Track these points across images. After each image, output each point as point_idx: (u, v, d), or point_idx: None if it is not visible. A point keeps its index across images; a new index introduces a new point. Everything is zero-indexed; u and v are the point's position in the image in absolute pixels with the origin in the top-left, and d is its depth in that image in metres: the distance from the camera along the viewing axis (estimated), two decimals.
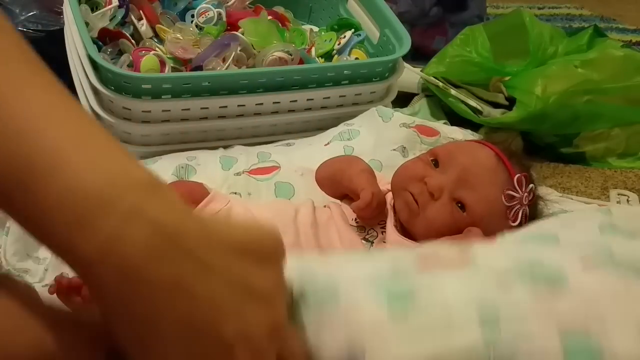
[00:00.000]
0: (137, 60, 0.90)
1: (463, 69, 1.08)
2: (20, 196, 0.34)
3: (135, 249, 0.33)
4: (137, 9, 1.01)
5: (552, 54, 1.09)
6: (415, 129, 0.85)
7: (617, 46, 1.08)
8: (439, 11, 1.38)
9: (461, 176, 0.66)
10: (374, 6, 1.06)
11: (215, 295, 0.34)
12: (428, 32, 1.39)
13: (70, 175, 0.33)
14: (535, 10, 1.92)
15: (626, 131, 1.04)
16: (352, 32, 1.06)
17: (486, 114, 1.03)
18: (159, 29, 1.01)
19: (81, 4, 0.96)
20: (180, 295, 0.33)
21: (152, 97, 0.85)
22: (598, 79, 1.01)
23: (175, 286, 0.33)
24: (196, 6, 1.05)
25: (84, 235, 0.33)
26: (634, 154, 1.05)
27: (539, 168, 1.01)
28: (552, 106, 0.98)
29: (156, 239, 0.33)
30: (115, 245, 0.33)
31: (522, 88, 1.01)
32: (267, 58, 0.94)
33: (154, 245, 0.33)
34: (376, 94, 0.98)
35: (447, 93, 1.06)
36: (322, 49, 1.04)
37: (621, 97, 1.02)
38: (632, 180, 1.01)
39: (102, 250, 0.33)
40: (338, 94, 0.95)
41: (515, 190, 0.66)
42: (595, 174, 1.02)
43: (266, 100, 0.91)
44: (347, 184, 0.71)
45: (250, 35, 0.97)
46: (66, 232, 0.33)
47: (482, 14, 1.44)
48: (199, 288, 0.34)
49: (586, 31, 1.11)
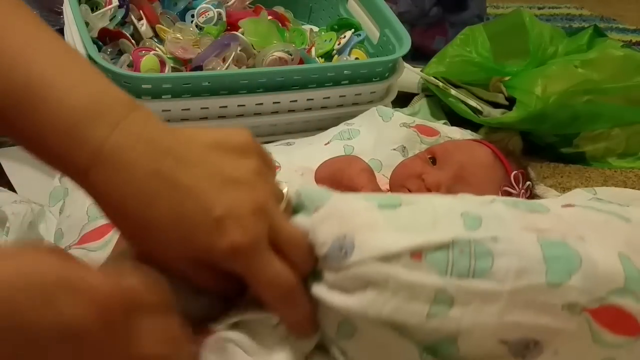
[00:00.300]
0: (137, 60, 0.90)
1: (463, 69, 1.08)
2: (19, 117, 0.39)
3: (123, 152, 0.38)
4: (137, 9, 1.02)
5: (552, 54, 1.09)
6: (415, 129, 0.86)
7: (617, 46, 1.08)
8: (439, 11, 1.38)
9: (458, 173, 0.66)
10: (374, 6, 1.06)
11: (197, 184, 0.39)
12: (428, 32, 1.39)
13: (60, 95, 0.38)
14: (535, 10, 1.92)
15: (626, 131, 1.04)
16: (352, 32, 1.06)
17: (486, 114, 1.03)
18: (159, 29, 1.01)
19: (81, 4, 0.96)
20: (164, 184, 0.38)
21: (152, 97, 0.85)
22: (598, 79, 1.01)
23: (159, 177, 0.38)
24: (196, 6, 1.05)
25: (77, 144, 0.38)
26: (634, 154, 1.05)
27: (539, 168, 1.01)
28: (552, 106, 0.98)
29: (140, 144, 0.38)
30: (105, 150, 0.38)
31: (522, 88, 1.01)
32: (267, 58, 0.94)
33: (138, 148, 0.38)
34: (376, 94, 0.98)
35: (447, 93, 1.06)
36: (322, 49, 1.05)
37: (621, 97, 1.02)
38: (632, 180, 1.01)
39: (94, 156, 0.38)
40: (338, 94, 0.95)
41: (512, 186, 0.66)
42: (595, 174, 1.02)
43: (266, 100, 0.91)
44: (347, 184, 0.71)
45: (250, 35, 0.97)
46: (61, 144, 0.38)
47: (482, 14, 1.44)
48: (180, 177, 0.38)
49: (586, 31, 1.11)
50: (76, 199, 0.71)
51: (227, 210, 0.38)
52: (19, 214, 0.72)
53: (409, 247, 0.39)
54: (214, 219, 0.38)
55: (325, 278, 0.41)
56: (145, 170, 0.38)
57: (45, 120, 0.38)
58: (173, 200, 0.38)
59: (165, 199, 0.38)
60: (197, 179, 0.39)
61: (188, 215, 0.38)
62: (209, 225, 0.38)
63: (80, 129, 0.38)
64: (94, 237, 0.65)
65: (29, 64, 0.39)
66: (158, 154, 0.39)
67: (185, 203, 0.38)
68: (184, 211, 0.38)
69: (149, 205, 0.38)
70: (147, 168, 0.38)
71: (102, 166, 0.38)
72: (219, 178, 0.39)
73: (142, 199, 0.38)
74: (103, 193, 0.39)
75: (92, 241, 0.65)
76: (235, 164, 0.40)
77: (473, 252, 0.39)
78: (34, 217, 0.74)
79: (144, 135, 0.39)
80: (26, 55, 0.39)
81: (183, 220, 0.38)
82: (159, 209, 0.38)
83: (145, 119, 0.40)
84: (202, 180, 0.39)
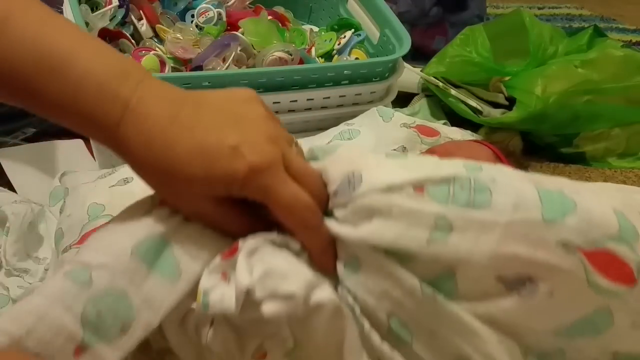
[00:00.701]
0: (137, 60, 0.90)
1: (463, 69, 1.08)
2: (47, 84, 0.43)
3: (148, 103, 0.43)
4: (137, 9, 1.02)
5: (552, 54, 1.08)
6: (415, 129, 0.85)
7: (617, 46, 1.08)
8: (439, 11, 1.38)
9: None
10: (374, 6, 1.06)
11: (213, 122, 0.43)
12: (428, 32, 1.40)
13: (85, 62, 0.43)
14: (535, 10, 1.92)
15: (626, 131, 1.04)
16: (352, 32, 1.06)
17: (486, 114, 1.03)
18: (159, 29, 1.01)
19: (81, 4, 0.95)
20: (184, 126, 0.43)
21: None
22: (598, 79, 1.01)
23: (179, 120, 0.43)
24: (196, 6, 1.05)
25: (110, 100, 0.43)
26: (634, 154, 1.05)
27: (539, 168, 1.01)
28: (552, 106, 0.98)
29: (160, 97, 0.44)
30: (132, 103, 0.43)
31: (522, 88, 1.01)
32: (267, 58, 0.94)
33: (160, 99, 0.44)
34: (376, 94, 0.98)
35: (447, 93, 1.06)
36: (322, 49, 1.05)
37: (621, 97, 1.02)
38: (632, 180, 1.01)
39: (124, 108, 0.43)
40: (338, 94, 0.95)
41: None
42: (595, 174, 1.02)
43: (266, 100, 0.90)
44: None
45: (250, 35, 0.97)
46: (93, 102, 0.43)
47: (482, 14, 1.44)
48: (198, 118, 0.43)
49: (586, 31, 1.11)
50: (76, 198, 0.71)
51: (242, 139, 0.42)
52: (19, 214, 0.72)
53: (413, 180, 0.42)
54: (231, 147, 0.42)
55: (335, 215, 0.44)
56: (167, 115, 0.43)
57: (76, 83, 0.42)
58: (193, 138, 0.42)
59: (186, 137, 0.42)
60: (212, 118, 0.44)
61: (207, 148, 0.42)
62: (227, 154, 0.42)
63: (112, 86, 0.43)
64: None
65: (51, 37, 0.43)
66: (177, 102, 0.44)
67: (204, 139, 0.42)
68: (204, 145, 0.42)
69: (172, 146, 0.42)
70: (168, 113, 0.43)
71: (130, 117, 0.43)
72: (233, 117, 0.44)
73: (166, 141, 0.42)
74: (131, 144, 0.43)
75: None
76: (246, 107, 0.45)
77: (473, 187, 0.42)
78: (34, 217, 0.74)
79: (163, 89, 0.45)
80: (47, 29, 0.44)
81: (203, 153, 0.42)
82: (181, 146, 0.42)
83: (161, 80, 0.46)
84: (217, 119, 0.44)
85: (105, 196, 0.69)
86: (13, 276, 0.69)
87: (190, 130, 0.42)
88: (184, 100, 0.44)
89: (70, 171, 0.79)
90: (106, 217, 0.66)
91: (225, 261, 0.43)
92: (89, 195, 0.70)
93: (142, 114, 0.43)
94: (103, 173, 0.75)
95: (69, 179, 0.76)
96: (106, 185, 0.71)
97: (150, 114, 0.43)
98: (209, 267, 0.44)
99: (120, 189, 0.70)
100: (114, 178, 0.72)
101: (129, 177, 0.71)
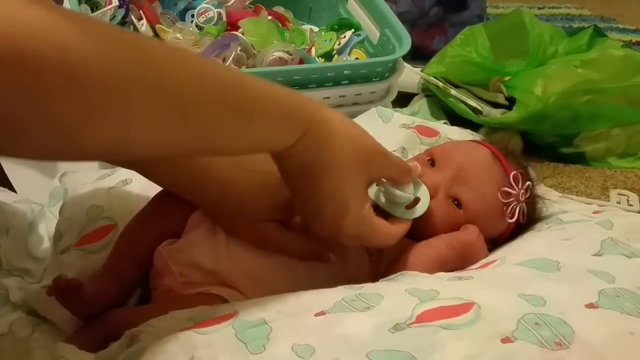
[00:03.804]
0: None
1: (463, 69, 1.08)
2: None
3: (332, 121, 0.51)
4: (137, 9, 1.02)
5: (552, 54, 1.09)
6: (415, 130, 0.85)
7: (617, 46, 1.08)
8: (439, 11, 1.38)
9: (457, 174, 0.66)
10: (374, 6, 1.06)
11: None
12: (428, 32, 1.40)
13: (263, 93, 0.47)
14: (535, 10, 1.92)
15: (626, 131, 1.04)
16: (352, 32, 1.06)
17: (486, 114, 1.03)
18: (159, 29, 1.01)
19: (81, 4, 0.96)
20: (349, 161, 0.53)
21: None
22: (598, 79, 1.01)
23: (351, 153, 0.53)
24: (196, 6, 1.05)
25: (300, 105, 0.50)
26: (634, 154, 1.05)
27: (539, 168, 1.01)
28: (552, 106, 0.98)
29: (340, 121, 0.52)
30: (317, 117, 0.50)
31: (522, 88, 1.01)
32: (267, 58, 0.94)
33: (339, 123, 0.52)
34: (376, 94, 0.98)
35: (447, 93, 1.06)
36: (322, 49, 1.05)
37: (621, 97, 1.02)
38: (632, 180, 1.01)
39: (312, 118, 0.49)
40: (338, 94, 0.95)
41: (511, 187, 0.66)
42: (595, 174, 1.02)
43: None
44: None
45: (250, 35, 0.97)
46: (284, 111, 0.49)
47: (482, 14, 1.44)
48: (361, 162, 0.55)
49: (586, 31, 1.11)
50: (75, 200, 0.71)
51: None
52: (19, 214, 0.72)
53: None
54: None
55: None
56: (344, 141, 0.51)
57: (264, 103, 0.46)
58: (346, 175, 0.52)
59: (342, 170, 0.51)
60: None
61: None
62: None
63: (296, 105, 0.48)
64: (93, 239, 0.65)
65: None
66: (350, 134, 0.52)
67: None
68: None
69: (334, 168, 0.50)
70: (345, 138, 0.51)
71: (317, 126, 0.49)
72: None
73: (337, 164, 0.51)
74: (311, 155, 0.49)
75: (91, 242, 0.65)
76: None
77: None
78: (34, 217, 0.74)
79: (340, 118, 0.52)
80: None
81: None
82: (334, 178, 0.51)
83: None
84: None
85: (104, 198, 0.69)
86: (13, 276, 0.69)
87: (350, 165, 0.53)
88: (357, 136, 0.55)
89: (70, 172, 0.79)
90: (105, 220, 0.66)
91: None
92: (87, 197, 0.70)
93: (328, 128, 0.50)
94: (102, 174, 0.74)
95: (69, 180, 0.76)
96: (105, 187, 0.71)
97: (334, 131, 0.50)
98: None
99: (119, 190, 0.70)
100: (113, 179, 0.72)
101: (128, 178, 0.71)
